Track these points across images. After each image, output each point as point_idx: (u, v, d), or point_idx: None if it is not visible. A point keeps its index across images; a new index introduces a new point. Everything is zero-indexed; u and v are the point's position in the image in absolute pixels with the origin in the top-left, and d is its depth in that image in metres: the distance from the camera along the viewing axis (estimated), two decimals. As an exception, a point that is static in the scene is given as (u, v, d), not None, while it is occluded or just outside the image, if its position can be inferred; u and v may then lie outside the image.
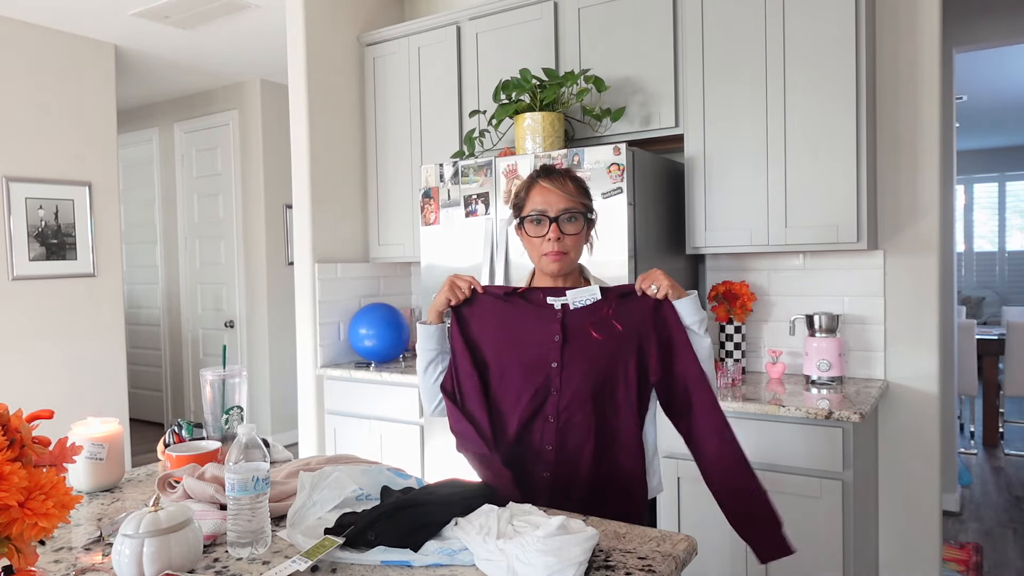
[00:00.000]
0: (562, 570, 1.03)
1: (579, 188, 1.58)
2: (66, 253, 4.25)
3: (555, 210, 1.53)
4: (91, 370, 4.38)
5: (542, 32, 2.96)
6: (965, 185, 9.36)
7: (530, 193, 1.58)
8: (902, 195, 2.62)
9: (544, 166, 1.63)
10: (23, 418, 0.93)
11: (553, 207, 1.54)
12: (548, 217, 1.53)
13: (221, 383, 1.67)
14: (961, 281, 9.30)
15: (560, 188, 1.55)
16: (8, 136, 4.01)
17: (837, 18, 2.37)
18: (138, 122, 6.09)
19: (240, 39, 4.41)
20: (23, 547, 0.87)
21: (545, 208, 1.54)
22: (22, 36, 4.06)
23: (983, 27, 3.77)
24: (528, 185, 1.59)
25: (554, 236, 1.53)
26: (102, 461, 1.54)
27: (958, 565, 3.16)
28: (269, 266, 5.36)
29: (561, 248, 1.53)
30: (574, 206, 1.54)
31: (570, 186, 1.56)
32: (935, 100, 2.56)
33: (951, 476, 3.86)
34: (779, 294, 2.83)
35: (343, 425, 3.26)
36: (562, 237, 1.53)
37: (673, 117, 2.68)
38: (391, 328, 3.27)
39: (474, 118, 3.13)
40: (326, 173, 3.41)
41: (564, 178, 1.57)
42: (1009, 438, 5.37)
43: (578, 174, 1.64)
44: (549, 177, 1.57)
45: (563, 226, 1.53)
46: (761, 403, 2.26)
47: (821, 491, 2.17)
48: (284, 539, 1.23)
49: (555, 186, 1.55)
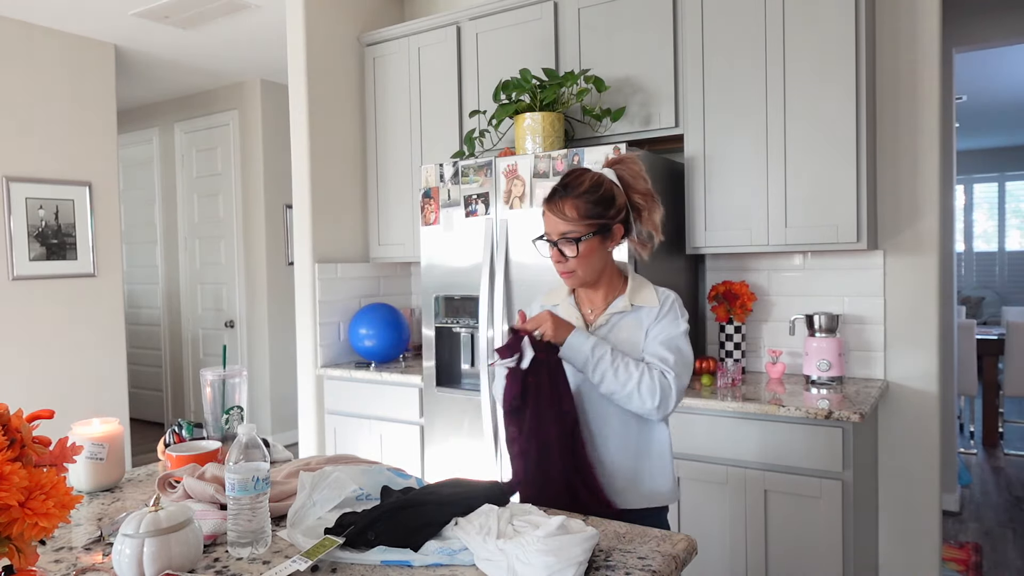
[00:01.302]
0: (562, 570, 1.03)
1: (581, 207, 1.55)
2: (66, 253, 4.26)
3: (555, 235, 1.57)
4: (91, 370, 4.38)
5: (542, 32, 2.96)
6: (965, 185, 9.36)
7: (544, 214, 1.62)
8: (902, 195, 2.62)
9: (561, 181, 1.62)
10: (23, 418, 0.93)
11: (553, 231, 1.58)
12: (551, 241, 1.59)
13: (221, 383, 1.67)
14: (961, 281, 9.29)
15: (557, 213, 1.57)
16: (8, 136, 4.01)
17: (837, 18, 2.37)
18: (138, 122, 6.09)
19: (240, 39, 4.41)
20: (23, 547, 0.87)
21: (548, 232, 1.59)
22: (22, 36, 4.06)
23: (983, 27, 3.77)
24: (543, 206, 1.62)
25: (555, 259, 1.59)
26: (102, 461, 1.54)
27: (958, 565, 3.16)
28: (269, 266, 5.36)
29: (566, 269, 1.59)
30: (571, 229, 1.55)
31: (568, 209, 1.55)
32: (935, 100, 2.56)
33: (951, 476, 3.86)
34: (779, 294, 2.83)
35: (343, 425, 3.26)
36: (564, 260, 1.57)
37: (673, 117, 2.68)
38: (391, 328, 3.27)
39: (474, 118, 3.13)
40: (326, 173, 3.41)
41: (564, 200, 1.56)
42: (1009, 438, 5.37)
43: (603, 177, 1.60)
44: (550, 202, 1.59)
45: (563, 248, 1.57)
46: (761, 403, 2.26)
47: (821, 491, 2.17)
48: (284, 539, 1.23)
49: (553, 210, 1.58)
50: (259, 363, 5.43)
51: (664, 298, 1.62)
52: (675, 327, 1.58)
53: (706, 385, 2.54)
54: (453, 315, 2.80)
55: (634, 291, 1.62)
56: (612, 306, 1.61)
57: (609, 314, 1.61)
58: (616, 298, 1.63)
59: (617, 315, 1.61)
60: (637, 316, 1.60)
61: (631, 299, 1.61)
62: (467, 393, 2.76)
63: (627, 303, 1.60)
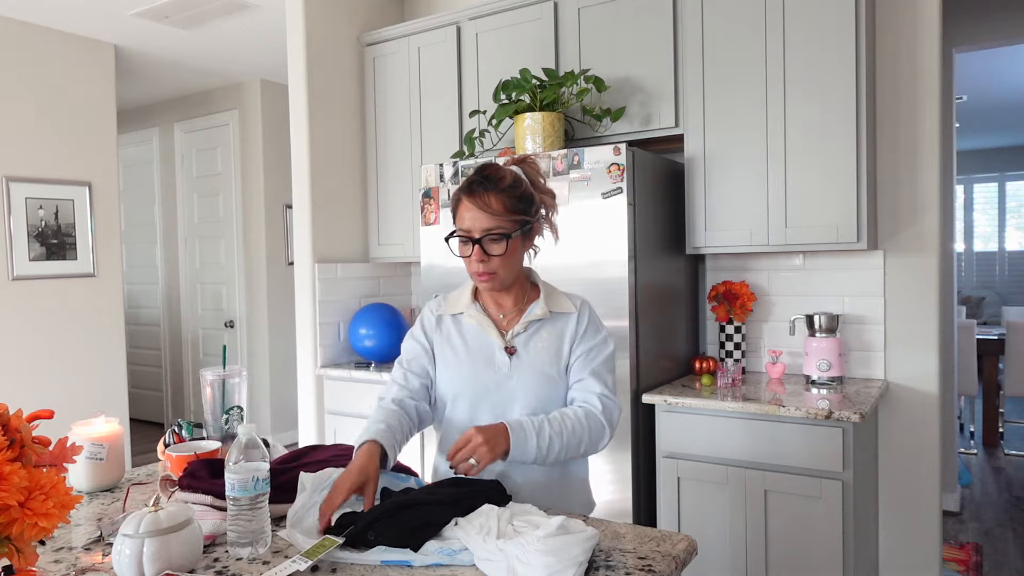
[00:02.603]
0: (562, 570, 1.03)
1: (507, 201, 1.42)
2: (66, 253, 4.25)
3: (478, 231, 1.42)
4: (91, 370, 4.38)
5: (542, 32, 2.96)
6: (965, 185, 9.36)
7: (458, 208, 1.46)
8: (902, 195, 2.62)
9: (471, 176, 1.46)
10: (23, 418, 0.93)
11: (476, 227, 1.42)
12: (472, 239, 1.43)
13: (221, 383, 1.67)
14: (961, 281, 9.30)
15: (482, 207, 1.41)
16: (8, 136, 4.01)
17: (837, 19, 2.37)
18: (138, 122, 6.09)
19: (240, 39, 4.41)
20: (23, 547, 0.87)
21: (469, 228, 1.43)
22: (22, 36, 4.06)
23: (983, 27, 3.77)
24: (456, 198, 1.47)
25: (477, 259, 1.43)
26: (102, 461, 1.54)
27: (958, 565, 3.16)
28: (269, 266, 5.36)
29: (487, 269, 1.45)
30: (498, 224, 1.41)
31: (494, 203, 1.41)
32: (935, 100, 2.56)
33: (951, 476, 3.86)
34: (779, 294, 2.83)
35: (343, 425, 3.26)
36: (487, 259, 1.43)
37: (673, 117, 2.68)
38: (391, 328, 3.27)
39: (474, 118, 3.13)
40: (326, 173, 3.41)
41: (488, 193, 1.42)
42: (1009, 438, 5.37)
43: (519, 174, 1.47)
44: (471, 193, 1.43)
45: (487, 247, 1.43)
46: (761, 403, 2.26)
47: (821, 491, 2.17)
48: (284, 539, 1.23)
49: (476, 204, 1.42)
50: (259, 363, 5.43)
51: (580, 306, 1.54)
52: (603, 345, 1.52)
53: (706, 385, 2.54)
54: (453, 315, 2.80)
55: (548, 297, 1.53)
56: (528, 313, 1.50)
57: (526, 321, 1.50)
58: (529, 304, 1.53)
59: (535, 322, 1.51)
60: (554, 324, 1.52)
61: (548, 305, 1.51)
62: (467, 393, 2.76)
63: (545, 310, 1.50)
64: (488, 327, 1.51)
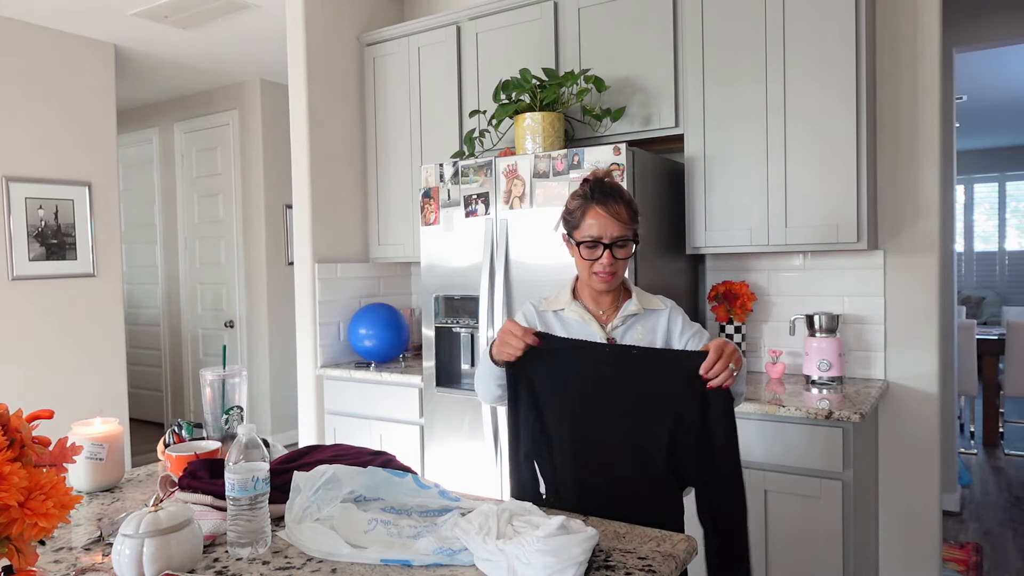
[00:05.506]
0: (562, 570, 1.03)
1: (632, 213, 1.62)
2: (66, 253, 4.25)
3: (608, 237, 1.59)
4: (91, 370, 4.38)
5: (542, 32, 2.96)
6: (965, 185, 9.36)
7: (585, 215, 1.62)
8: (902, 195, 2.62)
9: (599, 185, 1.63)
10: (23, 418, 0.93)
11: (607, 234, 1.59)
12: (603, 244, 1.60)
13: (221, 383, 1.67)
14: (961, 281, 9.30)
15: (615, 216, 1.59)
16: (8, 136, 4.01)
17: (837, 18, 2.37)
18: (138, 122, 6.09)
19: (240, 39, 4.41)
20: (23, 547, 0.87)
21: (600, 235, 1.60)
22: (22, 36, 4.06)
23: (983, 27, 3.77)
24: (583, 207, 1.62)
25: (607, 262, 1.60)
26: (102, 461, 1.54)
27: (958, 565, 3.16)
28: (269, 266, 5.36)
29: (612, 270, 1.62)
30: (627, 233, 1.61)
31: (624, 214, 1.60)
32: (935, 100, 2.56)
33: (951, 476, 3.86)
34: (779, 294, 2.83)
35: (343, 425, 3.26)
36: (615, 262, 1.61)
37: (673, 117, 2.68)
38: (391, 328, 3.27)
39: (474, 118, 3.13)
40: (326, 173, 3.41)
41: (619, 205, 1.60)
42: (1009, 438, 5.37)
43: (627, 192, 1.66)
44: (605, 204, 1.60)
45: (615, 252, 1.60)
46: (761, 403, 2.26)
47: (821, 491, 2.17)
48: (284, 539, 1.23)
49: (609, 213, 1.59)
50: (259, 363, 5.43)
51: (671, 305, 1.72)
52: (702, 330, 1.70)
53: (706, 385, 2.54)
54: (453, 315, 2.80)
55: (640, 296, 1.70)
56: (624, 308, 1.67)
57: (623, 316, 1.66)
58: (624, 302, 1.69)
59: (631, 317, 1.67)
60: (647, 319, 1.68)
61: (641, 303, 1.68)
62: (467, 393, 2.76)
63: (639, 306, 1.67)
64: (590, 320, 1.67)
